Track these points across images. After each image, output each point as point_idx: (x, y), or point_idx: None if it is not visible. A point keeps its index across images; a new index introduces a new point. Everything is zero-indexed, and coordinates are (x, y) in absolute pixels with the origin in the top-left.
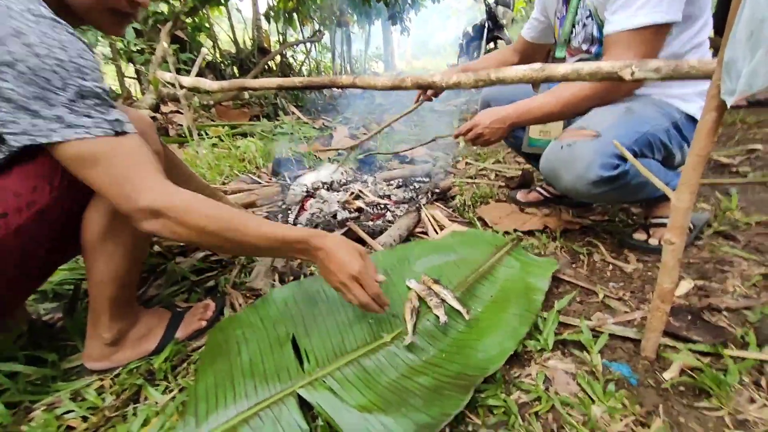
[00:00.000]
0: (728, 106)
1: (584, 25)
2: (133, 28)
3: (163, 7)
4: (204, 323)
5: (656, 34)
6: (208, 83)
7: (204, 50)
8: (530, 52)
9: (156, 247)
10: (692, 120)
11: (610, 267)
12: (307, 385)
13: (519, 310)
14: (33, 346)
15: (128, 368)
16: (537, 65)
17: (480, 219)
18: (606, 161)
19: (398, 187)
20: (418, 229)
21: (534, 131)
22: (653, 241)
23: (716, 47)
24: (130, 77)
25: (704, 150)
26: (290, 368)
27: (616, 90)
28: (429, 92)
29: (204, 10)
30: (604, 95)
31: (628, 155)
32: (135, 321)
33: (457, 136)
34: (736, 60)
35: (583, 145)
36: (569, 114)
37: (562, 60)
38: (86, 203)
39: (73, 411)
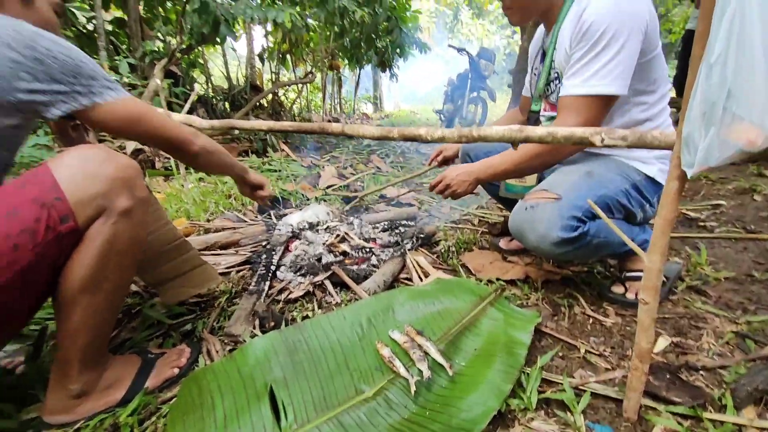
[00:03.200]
0: (688, 177)
1: (557, 83)
2: (127, 62)
3: (159, 45)
4: (177, 371)
5: (602, 103)
6: (198, 121)
7: (196, 88)
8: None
9: (133, 286)
10: (652, 181)
11: (591, 320)
12: None
13: (503, 366)
14: None
15: (92, 421)
16: (516, 127)
17: (464, 266)
18: (566, 223)
19: (384, 230)
20: (402, 275)
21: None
22: (630, 296)
23: (678, 107)
24: None
25: (670, 214)
26: (267, 425)
27: (560, 150)
28: (439, 158)
29: (199, 48)
30: (552, 154)
31: (601, 213)
32: (104, 370)
33: (431, 189)
34: (693, 135)
35: (544, 207)
36: (526, 170)
37: (537, 113)
38: (68, 256)
39: None
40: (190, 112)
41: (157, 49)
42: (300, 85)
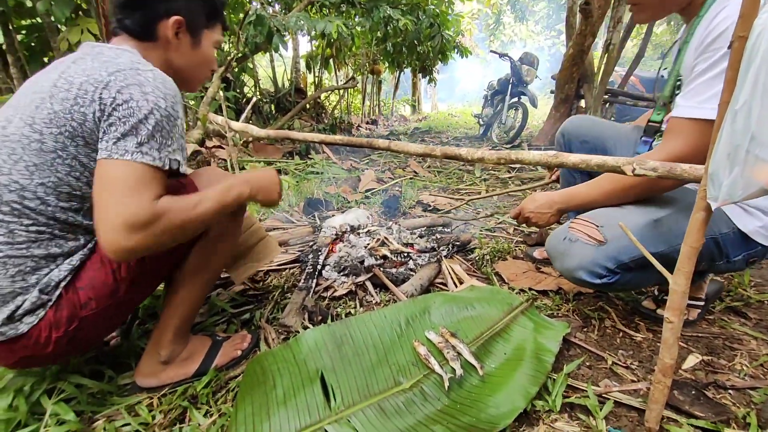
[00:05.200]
0: (712, 209)
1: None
2: None
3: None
4: (240, 353)
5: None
6: (255, 130)
7: (253, 99)
8: None
9: None
10: (743, 237)
11: (620, 334)
12: (334, 422)
13: (530, 370)
14: (95, 361)
15: (173, 390)
16: (552, 153)
17: (497, 275)
18: (594, 270)
19: (420, 236)
20: (438, 280)
21: None
22: (661, 312)
23: None
24: None
25: (696, 243)
26: (319, 405)
27: (656, 184)
28: (555, 173)
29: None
30: (645, 188)
31: (650, 257)
32: (186, 343)
33: (514, 218)
34: (718, 173)
35: (581, 247)
36: (614, 202)
37: (659, 124)
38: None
39: (129, 425)
40: (239, 114)
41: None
42: (341, 90)
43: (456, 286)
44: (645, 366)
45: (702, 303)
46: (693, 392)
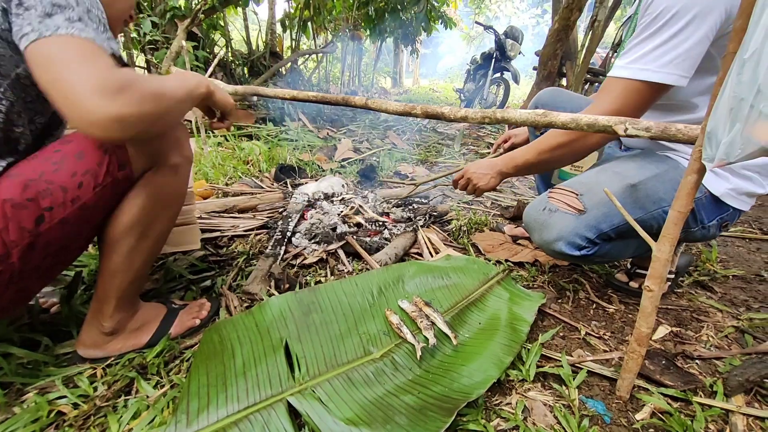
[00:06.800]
0: (707, 170)
1: None
2: (150, 20)
3: (181, 2)
4: (198, 322)
5: (644, 91)
6: (221, 85)
7: (220, 53)
8: None
9: None
10: (715, 200)
11: (594, 306)
12: (297, 393)
13: (505, 340)
14: (28, 329)
15: (121, 360)
16: (540, 111)
17: (474, 246)
18: (574, 241)
19: (397, 206)
20: (413, 250)
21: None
22: (633, 285)
23: None
24: (140, 66)
25: (685, 207)
26: (281, 375)
27: (585, 141)
28: (506, 145)
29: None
30: (576, 145)
31: (634, 223)
32: (135, 312)
33: (454, 185)
34: (717, 130)
35: (562, 217)
36: (551, 162)
37: None
38: (121, 200)
39: (65, 397)
40: (209, 76)
41: (178, 7)
42: (320, 55)
43: (432, 256)
44: (616, 337)
45: (672, 276)
46: (663, 362)
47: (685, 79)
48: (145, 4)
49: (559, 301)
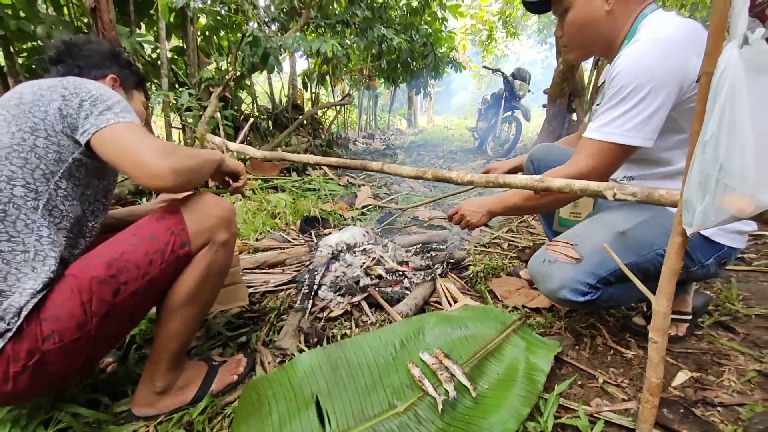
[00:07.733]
0: (687, 234)
1: None
2: (188, 92)
3: (213, 70)
4: (236, 378)
5: (615, 152)
6: (252, 151)
7: (251, 120)
8: None
9: None
10: (707, 240)
11: (611, 351)
12: None
13: (522, 391)
14: (90, 389)
15: (169, 417)
16: (537, 177)
17: (491, 292)
18: (576, 287)
19: (416, 254)
20: (432, 299)
21: (564, 212)
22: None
23: None
24: (176, 127)
25: (675, 265)
26: (314, 430)
27: (561, 194)
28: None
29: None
30: (557, 196)
31: (624, 268)
32: (181, 372)
33: (449, 218)
34: (692, 200)
35: (561, 266)
36: (537, 207)
37: None
38: (180, 273)
39: None
40: (237, 131)
41: (212, 77)
42: (338, 106)
43: (450, 305)
44: (635, 384)
45: (689, 317)
46: (681, 410)
47: (650, 141)
48: (184, 76)
49: (576, 347)
